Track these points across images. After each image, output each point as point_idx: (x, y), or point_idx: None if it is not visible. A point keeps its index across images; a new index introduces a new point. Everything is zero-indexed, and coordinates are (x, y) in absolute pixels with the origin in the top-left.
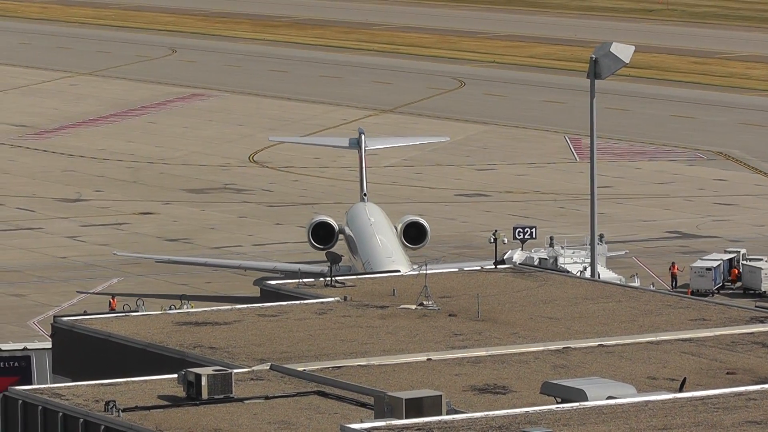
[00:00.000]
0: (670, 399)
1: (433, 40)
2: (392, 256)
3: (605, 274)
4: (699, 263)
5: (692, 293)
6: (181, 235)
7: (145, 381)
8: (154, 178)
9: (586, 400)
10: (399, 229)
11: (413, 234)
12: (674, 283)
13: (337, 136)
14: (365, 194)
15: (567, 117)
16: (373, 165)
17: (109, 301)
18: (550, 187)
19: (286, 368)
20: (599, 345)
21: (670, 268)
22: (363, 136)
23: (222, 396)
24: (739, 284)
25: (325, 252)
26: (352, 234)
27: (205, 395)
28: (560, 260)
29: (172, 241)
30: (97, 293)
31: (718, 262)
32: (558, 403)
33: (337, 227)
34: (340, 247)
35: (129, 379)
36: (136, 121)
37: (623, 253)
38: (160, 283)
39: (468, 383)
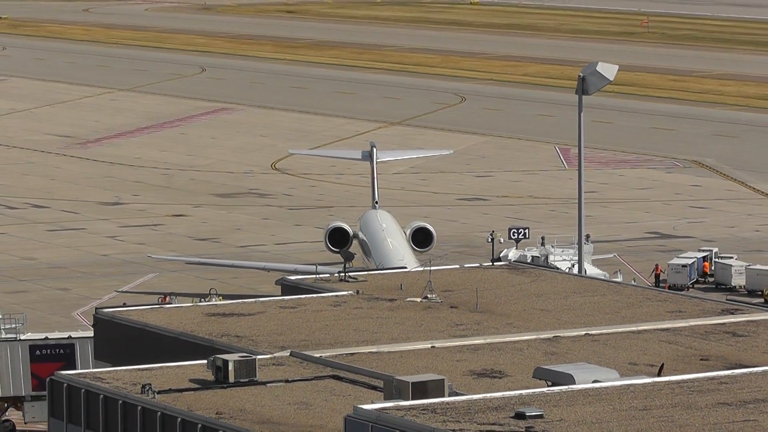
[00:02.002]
0: (649, 383)
1: (438, 60)
2: (403, 258)
3: (591, 270)
4: (675, 261)
5: (669, 288)
6: (210, 235)
7: (178, 366)
8: (186, 183)
9: (574, 383)
10: (408, 233)
11: (421, 238)
12: (657, 282)
13: (351, 146)
14: (377, 202)
15: (557, 129)
16: (382, 172)
17: (159, 299)
18: (542, 192)
19: (305, 355)
20: (586, 334)
21: (653, 270)
22: (374, 149)
23: (247, 380)
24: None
25: (340, 250)
26: (365, 238)
27: (231, 379)
28: (551, 258)
29: (202, 240)
30: (130, 292)
31: (693, 260)
32: (549, 386)
33: (351, 232)
34: (353, 249)
35: (163, 364)
36: (169, 132)
37: (611, 255)
38: (191, 279)
39: (468, 368)
